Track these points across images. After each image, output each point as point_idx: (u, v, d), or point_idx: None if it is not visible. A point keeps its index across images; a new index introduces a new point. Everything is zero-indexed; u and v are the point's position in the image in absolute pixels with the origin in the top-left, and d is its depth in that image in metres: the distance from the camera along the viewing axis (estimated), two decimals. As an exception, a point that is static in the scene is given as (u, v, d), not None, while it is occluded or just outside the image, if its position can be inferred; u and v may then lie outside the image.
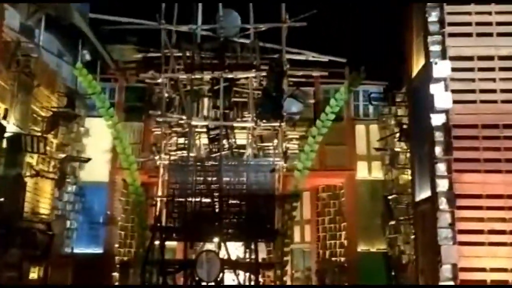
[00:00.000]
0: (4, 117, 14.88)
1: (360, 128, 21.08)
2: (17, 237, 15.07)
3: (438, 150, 9.85)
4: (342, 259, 20.28)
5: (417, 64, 11.20)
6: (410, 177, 14.33)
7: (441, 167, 9.76)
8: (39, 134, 16.76)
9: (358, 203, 20.11)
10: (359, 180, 20.41)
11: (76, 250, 18.94)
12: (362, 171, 20.55)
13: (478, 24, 10.18)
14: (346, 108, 20.37)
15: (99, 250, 19.64)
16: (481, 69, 10.02)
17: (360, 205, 20.09)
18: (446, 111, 9.84)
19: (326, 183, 21.44)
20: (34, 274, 16.71)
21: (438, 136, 9.88)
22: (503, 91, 9.96)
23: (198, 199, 16.78)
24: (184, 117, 17.59)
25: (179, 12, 17.71)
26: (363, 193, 20.22)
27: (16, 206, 15.44)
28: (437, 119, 9.86)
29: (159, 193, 17.42)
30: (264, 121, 17.71)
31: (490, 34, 10.14)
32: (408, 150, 15.87)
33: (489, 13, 10.17)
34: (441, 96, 9.83)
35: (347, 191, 20.55)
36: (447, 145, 9.74)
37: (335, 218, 21.22)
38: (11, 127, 15.14)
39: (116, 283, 19.37)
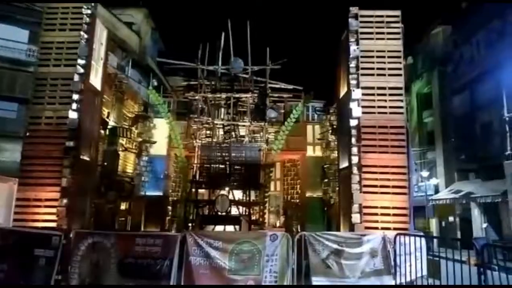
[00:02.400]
0: (107, 117, 14.35)
1: (309, 127, 20.11)
2: (114, 185, 14.60)
3: (353, 140, 9.52)
4: (297, 200, 19.35)
5: (343, 90, 10.75)
6: (337, 155, 13.55)
7: (354, 150, 9.43)
8: (127, 126, 16.25)
9: (307, 170, 19.26)
10: (308, 156, 19.44)
11: (147, 193, 17.94)
12: (310, 151, 19.70)
13: (378, 68, 9.79)
14: (302, 115, 19.50)
15: (160, 193, 18.55)
16: (378, 94, 9.67)
17: (308, 171, 19.20)
18: (358, 118, 9.49)
19: (289, 158, 20.45)
20: (123, 206, 16.06)
21: (353, 132, 9.54)
22: (391, 107, 9.61)
23: (217, 166, 16.14)
24: (210, 119, 17.04)
25: (208, 58, 17.10)
26: (310, 164, 19.32)
27: (113, 167, 15.02)
28: (353, 122, 9.56)
29: (195, 162, 16.64)
30: (255, 122, 17.28)
31: (384, 74, 9.75)
32: (336, 140, 15.04)
33: (384, 58, 9.69)
34: (355, 109, 9.51)
35: (301, 163, 19.65)
36: (358, 137, 9.43)
37: (294, 178, 20.28)
38: (111, 123, 14.77)
39: (169, 213, 18.11)
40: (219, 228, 13.89)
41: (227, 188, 15.70)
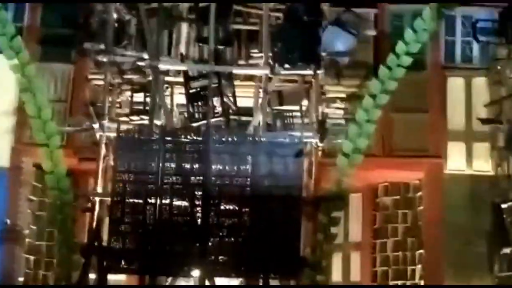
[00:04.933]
0: None
1: (455, 83, 15.40)
2: None
3: None
4: None
5: None
6: None
7: None
8: None
9: (447, 216, 14.55)
10: (450, 174, 14.91)
11: None
12: (456, 159, 15.10)
13: None
14: (433, 46, 15.13)
15: None
16: None
17: (451, 219, 14.46)
18: None
19: (392, 179, 15.56)
20: None
21: None
22: None
23: (166, 201, 12.45)
24: (145, 55, 13.61)
25: None
26: (456, 198, 14.66)
27: None
28: None
29: (99, 189, 13.14)
30: (287, 66, 13.45)
31: None
32: None
33: None
34: None
35: (429, 193, 14.91)
36: None
37: (405, 242, 15.44)
38: None
39: None
40: None
41: (196, 274, 12.69)
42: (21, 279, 15.82)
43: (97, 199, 13.39)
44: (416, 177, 15.59)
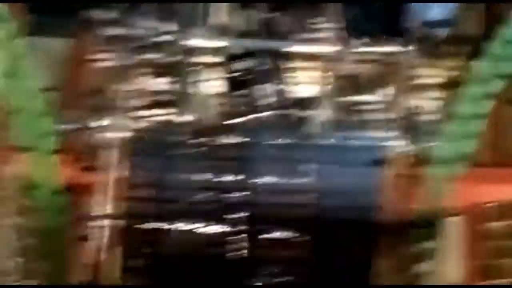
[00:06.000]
0: None
1: None
2: None
3: None
4: None
5: None
6: None
7: None
8: None
9: None
10: None
11: None
12: None
13: None
14: None
15: None
16: None
17: None
18: None
19: (505, 197, 13.11)
20: None
21: None
22: None
23: (198, 226, 11.54)
24: (171, 27, 12.59)
25: None
26: None
27: None
28: None
29: (106, 209, 11.88)
30: (364, 41, 12.70)
31: None
32: None
33: None
34: None
35: None
36: None
37: None
38: None
39: None
40: None
41: None
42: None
43: (104, 222, 12.43)
44: None
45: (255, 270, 11.32)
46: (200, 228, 11.50)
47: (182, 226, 11.41)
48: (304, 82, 12.86)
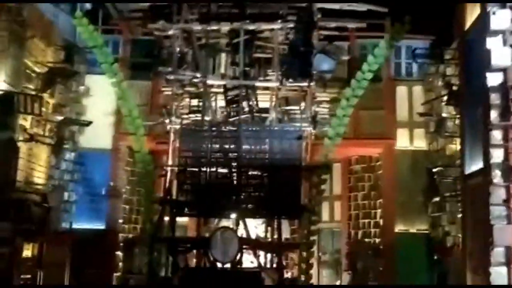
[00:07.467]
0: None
1: (401, 90, 20.88)
2: (9, 210, 14.97)
3: (493, 115, 9.70)
4: (377, 240, 20.22)
5: (471, 15, 10.95)
6: (459, 147, 14.31)
7: (496, 135, 9.57)
8: (34, 92, 16.68)
9: (397, 177, 20.01)
10: (399, 150, 20.30)
11: (75, 226, 18.79)
12: (402, 140, 20.49)
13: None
14: (386, 66, 20.07)
15: (100, 226, 19.70)
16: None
17: (400, 179, 19.95)
18: (504, 70, 9.58)
19: (360, 154, 21.41)
20: (28, 251, 16.66)
21: (494, 98, 9.71)
22: None
23: (213, 169, 16.88)
24: (198, 75, 17.71)
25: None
26: (403, 165, 20.15)
27: (8, 174, 15.36)
28: (493, 79, 9.65)
29: (169, 162, 17.62)
30: (290, 80, 17.95)
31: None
32: (458, 116, 15.81)
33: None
34: (499, 52, 9.56)
35: (385, 162, 20.50)
36: (504, 109, 9.52)
37: (369, 194, 21.13)
38: (1, 85, 15.00)
39: (120, 264, 19.34)
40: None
41: (233, 216, 16.76)
42: (120, 220, 19.87)
43: (168, 169, 17.33)
44: (376, 152, 20.60)
45: (241, 190, 16.63)
46: (215, 170, 16.64)
47: (206, 169, 16.56)
48: (262, 100, 18.16)
